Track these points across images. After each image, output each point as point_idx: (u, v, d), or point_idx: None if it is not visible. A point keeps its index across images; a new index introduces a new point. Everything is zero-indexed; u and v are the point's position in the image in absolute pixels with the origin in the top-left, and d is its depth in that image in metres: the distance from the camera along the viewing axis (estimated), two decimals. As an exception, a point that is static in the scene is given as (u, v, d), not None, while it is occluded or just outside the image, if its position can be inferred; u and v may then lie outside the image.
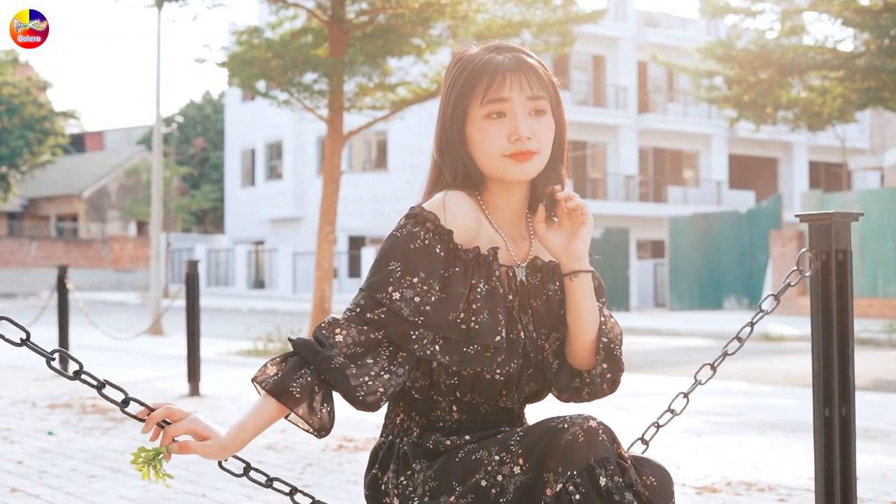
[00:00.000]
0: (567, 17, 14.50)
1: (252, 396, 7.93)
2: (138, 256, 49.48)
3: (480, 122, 2.09)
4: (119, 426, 6.29)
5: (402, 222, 2.07)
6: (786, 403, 8.00)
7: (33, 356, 11.64)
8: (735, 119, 20.67)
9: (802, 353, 14.16)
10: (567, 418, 1.94)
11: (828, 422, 2.62)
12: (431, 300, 2.01)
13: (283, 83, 13.78)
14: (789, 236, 23.46)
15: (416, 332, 2.01)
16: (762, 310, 2.55)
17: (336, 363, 1.97)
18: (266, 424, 1.98)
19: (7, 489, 4.37)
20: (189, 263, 8.11)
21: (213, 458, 1.96)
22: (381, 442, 2.17)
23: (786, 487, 4.38)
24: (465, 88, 2.10)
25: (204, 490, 4.31)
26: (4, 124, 45.55)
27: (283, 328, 14.36)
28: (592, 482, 1.87)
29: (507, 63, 2.10)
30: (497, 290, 2.08)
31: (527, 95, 2.09)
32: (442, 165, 2.15)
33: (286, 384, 1.96)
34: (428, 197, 2.15)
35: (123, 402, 1.95)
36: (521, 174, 2.09)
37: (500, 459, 1.98)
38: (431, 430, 2.11)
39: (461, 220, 2.07)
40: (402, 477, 2.08)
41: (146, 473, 1.95)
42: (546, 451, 1.93)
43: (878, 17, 18.00)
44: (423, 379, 2.10)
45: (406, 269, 2.02)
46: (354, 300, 2.04)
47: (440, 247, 2.04)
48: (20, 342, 1.89)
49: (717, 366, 2.54)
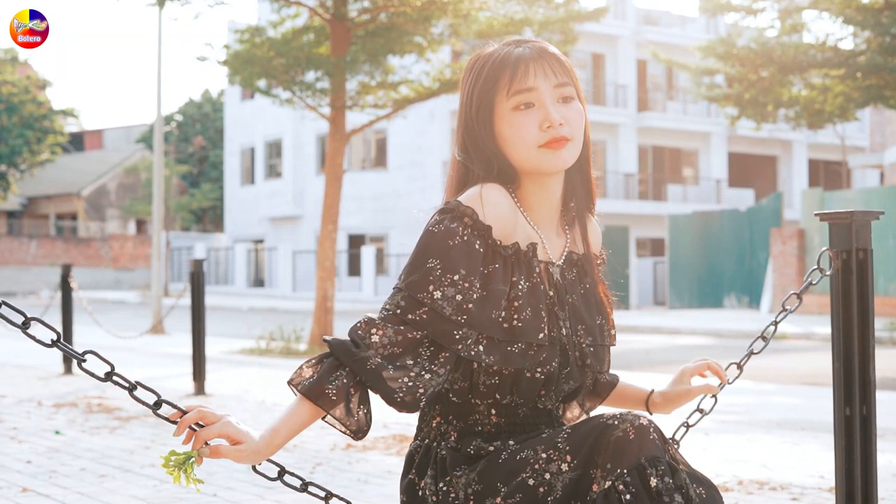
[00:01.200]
0: (569, 15, 14.50)
1: (257, 395, 7.93)
2: (137, 255, 49.44)
3: (509, 116, 2.05)
4: (126, 426, 6.28)
5: (437, 217, 2.01)
6: (791, 402, 8.00)
7: (36, 354, 11.64)
8: (736, 117, 20.66)
9: (804, 351, 14.17)
10: (617, 415, 1.91)
11: (849, 421, 2.61)
12: (473, 298, 1.97)
13: (285, 82, 13.77)
14: (790, 234, 23.46)
15: (460, 332, 1.97)
16: (785, 308, 2.55)
17: (372, 364, 1.93)
18: (301, 427, 1.94)
19: (18, 489, 4.36)
20: (194, 263, 8.09)
21: (245, 463, 1.92)
22: (417, 446, 2.13)
23: (798, 486, 4.37)
24: (489, 83, 2.06)
25: (215, 489, 4.30)
26: (4, 123, 45.51)
27: (285, 327, 14.35)
28: (643, 482, 1.83)
29: (529, 53, 2.07)
30: (538, 286, 2.06)
31: (553, 83, 2.06)
32: (469, 163, 2.11)
33: (322, 387, 1.92)
34: (456, 195, 2.10)
35: (155, 404, 1.92)
36: (559, 162, 2.05)
37: (547, 457, 1.93)
38: (470, 435, 2.07)
39: (499, 215, 2.02)
40: (441, 483, 2.03)
41: (177, 477, 1.92)
42: (595, 448, 1.88)
43: (880, 15, 17.99)
44: (462, 380, 2.06)
45: (446, 267, 1.96)
46: (392, 300, 1.99)
47: (479, 242, 2.00)
48: (51, 343, 1.87)
49: (743, 365, 2.54)
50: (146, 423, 6.35)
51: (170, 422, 1.93)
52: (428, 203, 35.34)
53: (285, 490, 4.28)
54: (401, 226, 36.17)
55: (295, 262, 37.56)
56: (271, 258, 39.50)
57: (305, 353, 12.48)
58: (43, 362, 10.76)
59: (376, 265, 34.96)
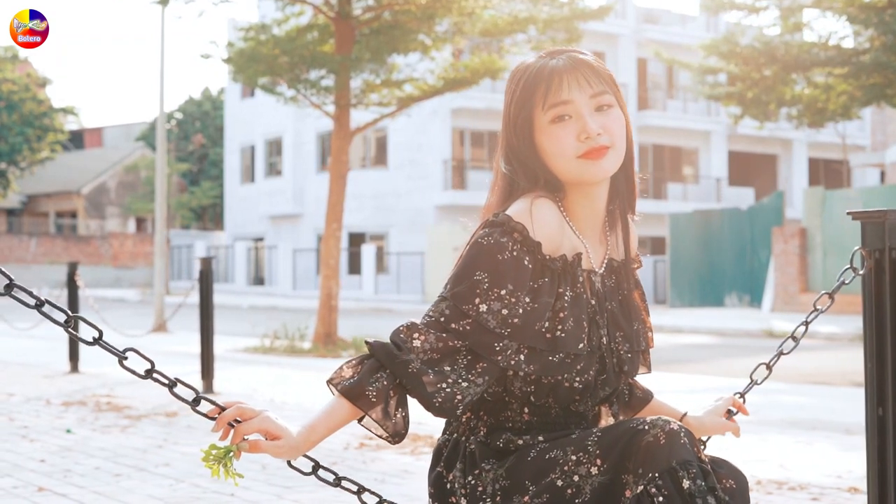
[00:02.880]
0: (573, 13, 14.49)
1: (266, 393, 7.92)
2: (137, 253, 49.42)
3: (547, 129, 2.06)
4: (137, 424, 6.26)
5: (487, 230, 2.02)
6: (801, 401, 7.98)
7: (39, 352, 11.63)
8: (739, 116, 20.64)
9: (809, 350, 14.16)
10: (647, 420, 1.92)
11: (881, 421, 2.59)
12: (519, 312, 1.98)
13: (290, 80, 13.75)
14: (791, 233, 23.45)
15: (500, 344, 1.98)
16: (816, 308, 2.53)
17: (413, 368, 1.94)
18: (337, 426, 1.96)
19: (34, 488, 4.35)
20: (203, 261, 8.08)
21: (283, 458, 1.94)
22: (445, 440, 2.14)
23: (817, 486, 4.36)
24: (524, 97, 2.07)
25: (233, 489, 4.29)
26: (4, 121, 45.48)
27: (286, 325, 14.34)
28: (675, 485, 1.84)
29: (562, 65, 2.07)
30: (581, 296, 2.07)
31: (588, 94, 2.05)
32: (514, 175, 2.11)
33: (362, 387, 1.93)
34: (502, 206, 2.10)
35: (194, 400, 1.92)
36: (600, 172, 2.06)
37: (576, 459, 1.95)
38: (500, 430, 2.08)
39: (548, 231, 2.03)
40: (469, 476, 2.04)
41: (216, 471, 1.92)
42: (625, 453, 1.90)
43: (883, 14, 17.98)
44: (496, 385, 2.07)
45: (494, 281, 1.97)
46: (437, 308, 2.00)
47: (528, 258, 2.01)
48: (93, 341, 1.87)
49: (772, 365, 2.53)
50: (157, 422, 6.34)
51: (208, 418, 1.93)
52: (428, 201, 35.34)
53: (303, 489, 4.27)
54: (401, 224, 36.15)
55: (295, 261, 37.55)
56: (271, 256, 39.48)
57: (310, 352, 12.47)
58: (47, 360, 10.74)
59: (376, 264, 34.94)
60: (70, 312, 1.83)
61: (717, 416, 2.44)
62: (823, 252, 22.84)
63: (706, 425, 2.42)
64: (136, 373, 1.91)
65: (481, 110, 35.41)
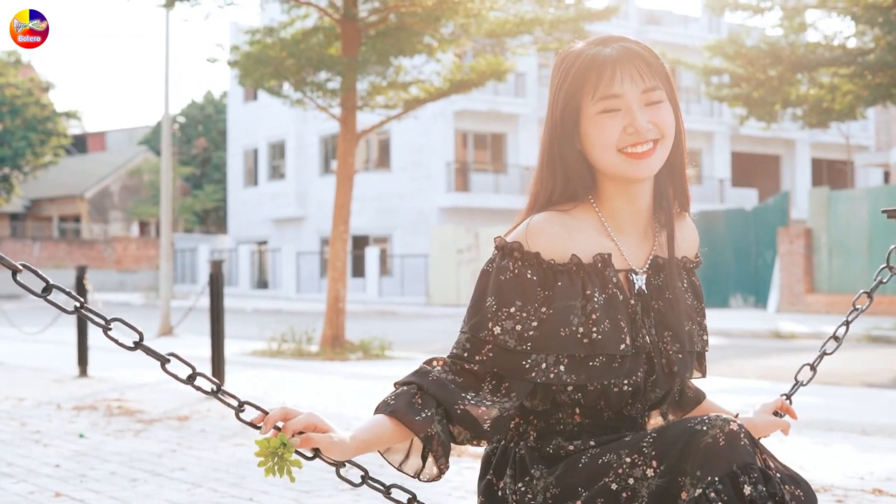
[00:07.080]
0: (579, 14, 14.44)
1: (277, 397, 7.89)
2: (141, 257, 49.41)
3: (595, 118, 2.02)
4: (150, 428, 6.23)
5: (490, 258, 2.05)
6: (813, 402, 7.95)
7: (47, 357, 11.61)
8: (745, 117, 20.61)
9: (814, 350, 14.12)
10: (705, 419, 1.86)
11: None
12: (534, 325, 1.97)
13: (296, 82, 13.73)
14: (797, 233, 23.43)
15: (529, 360, 1.97)
16: (856, 308, 2.51)
17: (463, 402, 1.97)
18: (384, 444, 1.96)
19: (50, 493, 4.32)
20: (213, 264, 8.06)
21: (334, 454, 1.90)
22: (493, 447, 2.10)
23: (840, 488, 4.33)
24: (575, 86, 2.02)
25: (251, 494, 4.26)
26: (7, 125, 45.47)
27: (295, 328, 14.30)
28: (735, 490, 1.79)
29: (616, 55, 2.02)
30: (616, 297, 2.03)
31: (640, 89, 2.01)
32: (540, 182, 2.09)
33: (413, 415, 1.96)
34: (527, 215, 2.09)
35: (239, 406, 1.90)
36: (643, 171, 2.02)
37: (631, 462, 1.89)
38: (551, 435, 2.04)
39: (544, 240, 2.01)
40: (519, 483, 2.01)
41: (270, 468, 1.85)
42: (683, 454, 1.84)
43: (888, 13, 17.93)
44: (543, 404, 2.06)
45: (501, 302, 1.99)
46: (459, 343, 2.02)
47: (531, 271, 2.00)
48: (133, 345, 1.84)
49: (816, 366, 2.51)
50: (169, 426, 6.31)
51: (252, 426, 1.90)
52: (432, 203, 35.33)
53: (321, 494, 4.24)
54: (404, 226, 36.14)
55: (299, 263, 37.53)
56: (275, 259, 39.47)
57: (318, 355, 12.44)
58: (56, 364, 10.71)
59: (380, 266, 34.91)
60: (107, 318, 1.80)
61: (767, 415, 2.41)
62: (829, 252, 22.81)
63: (758, 426, 2.38)
64: (178, 378, 1.89)
65: (484, 112, 35.41)
